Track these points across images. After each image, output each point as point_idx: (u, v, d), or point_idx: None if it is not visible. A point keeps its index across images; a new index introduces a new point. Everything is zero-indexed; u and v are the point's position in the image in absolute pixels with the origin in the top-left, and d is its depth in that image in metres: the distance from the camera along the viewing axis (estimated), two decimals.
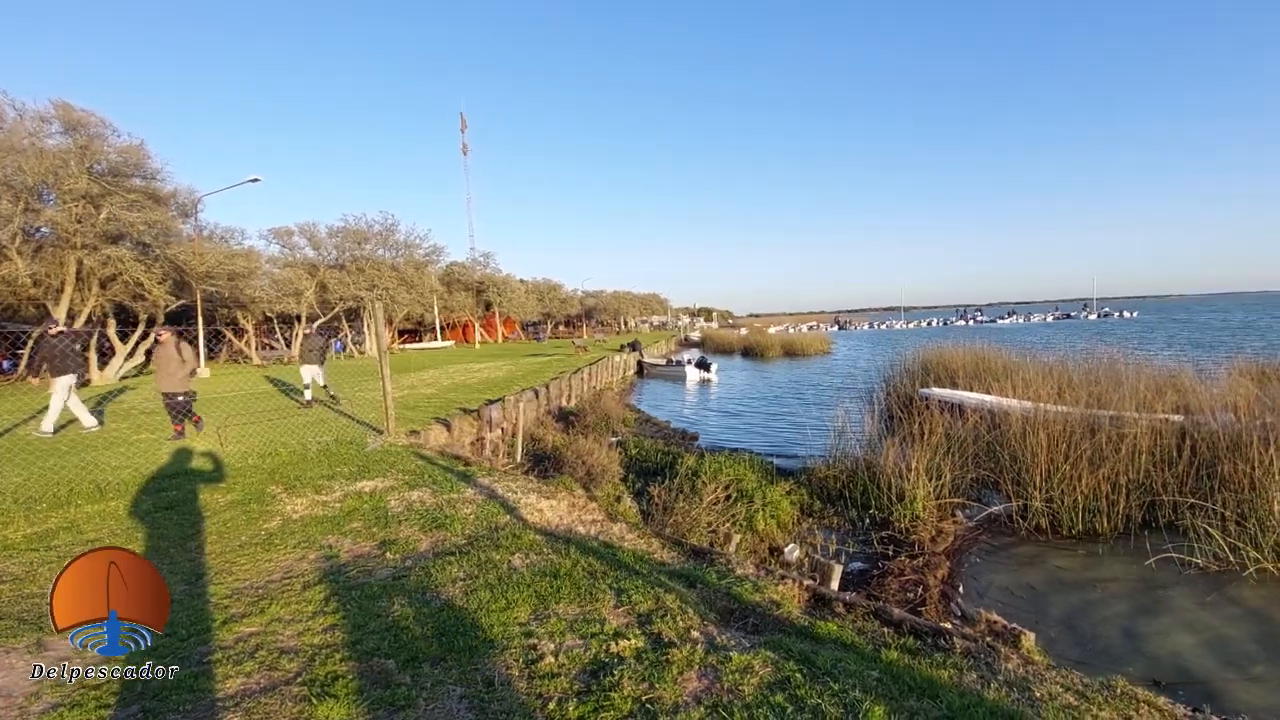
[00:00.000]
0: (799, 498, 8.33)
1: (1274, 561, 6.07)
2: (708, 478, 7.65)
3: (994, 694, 2.80)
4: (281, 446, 8.36)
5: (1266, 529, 6.21)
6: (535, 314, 63.25)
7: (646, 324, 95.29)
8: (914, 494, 7.53)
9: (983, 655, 3.21)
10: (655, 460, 9.99)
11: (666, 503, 6.94)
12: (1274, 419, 7.41)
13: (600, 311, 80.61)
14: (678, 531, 6.37)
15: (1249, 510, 6.41)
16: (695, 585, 4.05)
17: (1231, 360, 13.28)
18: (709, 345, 53.09)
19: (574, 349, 33.76)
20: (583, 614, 3.55)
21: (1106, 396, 9.46)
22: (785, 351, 41.14)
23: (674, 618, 3.45)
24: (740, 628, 3.51)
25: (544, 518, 5.63)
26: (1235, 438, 7.33)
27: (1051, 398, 9.63)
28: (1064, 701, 2.77)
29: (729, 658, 2.99)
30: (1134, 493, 7.42)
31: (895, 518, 7.41)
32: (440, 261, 47.97)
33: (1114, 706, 2.76)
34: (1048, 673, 3.06)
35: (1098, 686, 2.92)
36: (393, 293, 36.54)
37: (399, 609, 3.64)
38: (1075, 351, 12.73)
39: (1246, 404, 8.37)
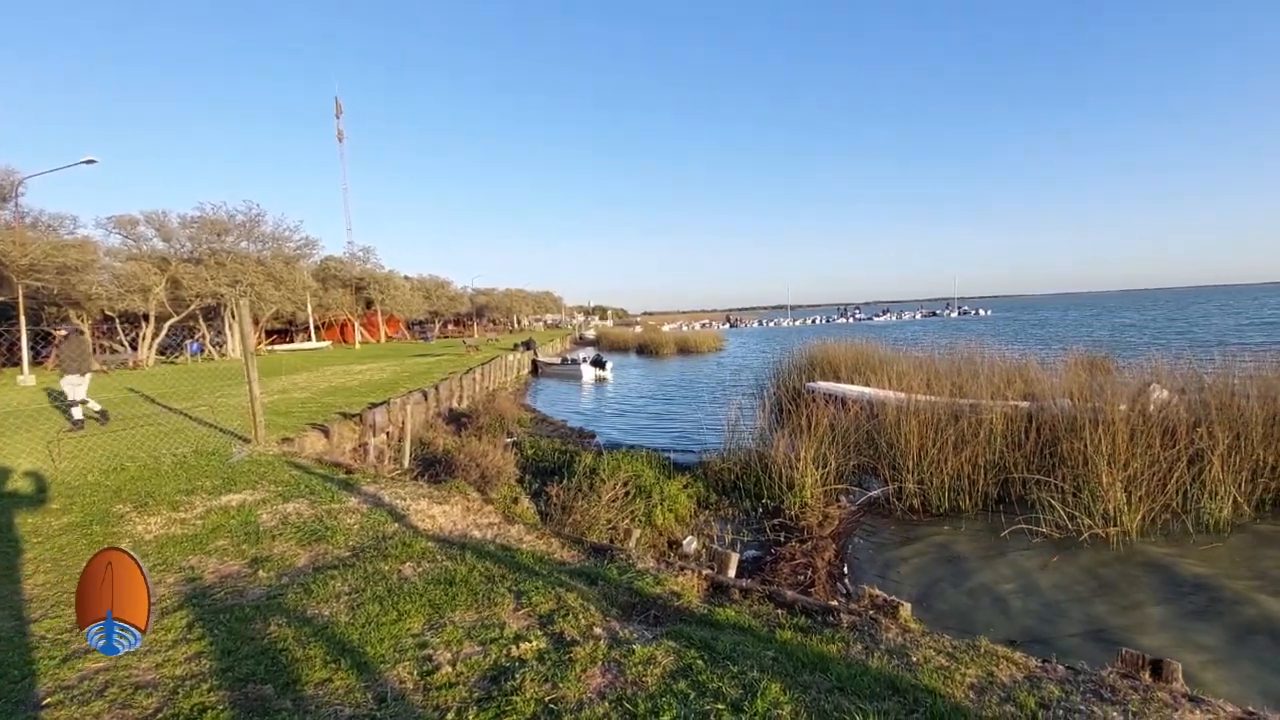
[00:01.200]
0: (696, 491, 8.59)
1: (1103, 527, 7.00)
2: (606, 475, 7.70)
3: (877, 662, 3.04)
4: (129, 460, 7.51)
5: (1097, 499, 7.14)
6: (422, 312, 60.70)
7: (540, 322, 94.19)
8: (803, 482, 8.00)
9: (866, 628, 3.46)
10: (553, 460, 9.91)
11: (565, 502, 6.91)
12: (1101, 404, 8.52)
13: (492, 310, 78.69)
14: (578, 530, 6.37)
15: (1083, 483, 7.34)
16: (597, 582, 4.06)
17: (1068, 352, 15.18)
18: (604, 343, 53.35)
19: (465, 348, 32.75)
20: (481, 620, 3.47)
21: (967, 386, 10.49)
22: (679, 349, 42.15)
23: (576, 616, 3.45)
24: (643, 620, 3.57)
25: (437, 523, 5.44)
26: (1071, 420, 8.36)
27: (921, 388, 10.55)
28: (937, 664, 3.05)
29: (632, 651, 3.04)
30: (991, 472, 8.28)
31: (786, 506, 7.83)
32: (314, 256, 44.85)
33: (979, 664, 3.08)
34: (923, 639, 3.36)
35: (965, 647, 3.24)
36: (259, 289, 33.67)
37: (276, 630, 3.38)
38: (940, 346, 14.01)
39: (1080, 391, 9.55)
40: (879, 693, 2.71)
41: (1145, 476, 7.26)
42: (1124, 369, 12.43)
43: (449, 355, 29.75)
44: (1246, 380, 9.01)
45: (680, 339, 45.28)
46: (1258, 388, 8.63)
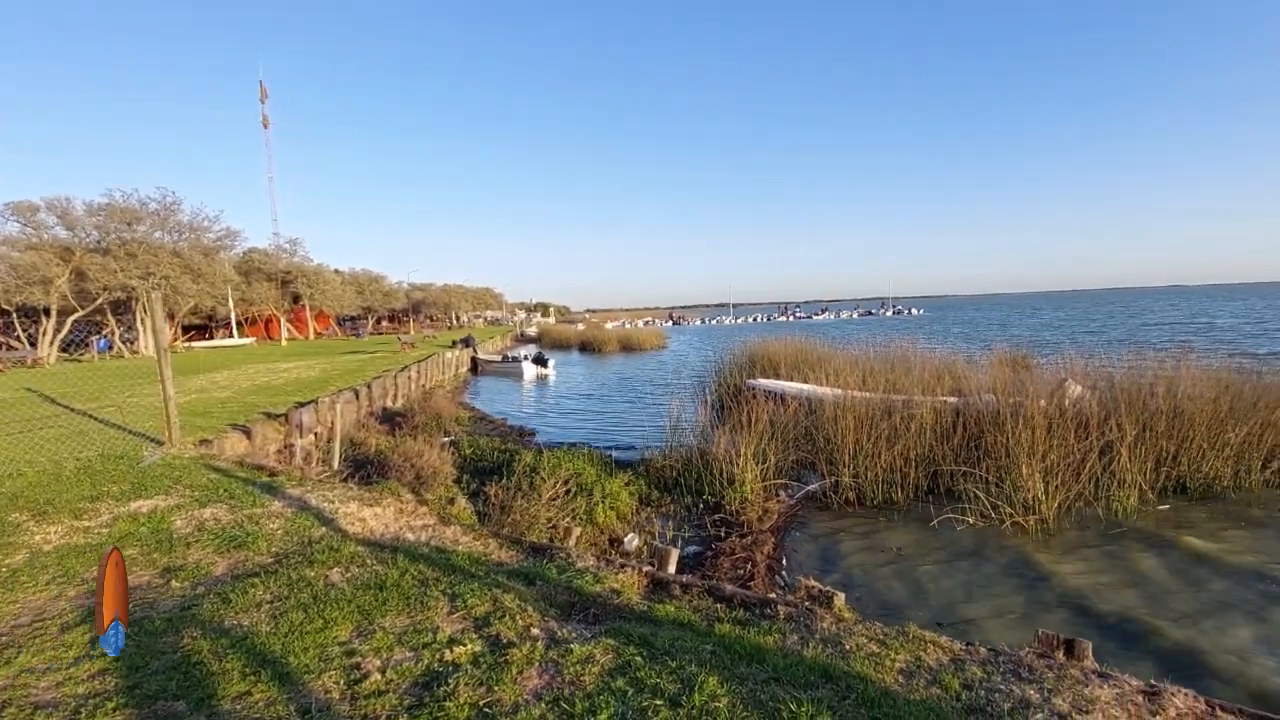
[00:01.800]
0: (637, 488, 8.61)
1: (1023, 515, 7.41)
2: (546, 474, 7.62)
3: (812, 651, 3.12)
4: (26, 465, 6.96)
5: (1017, 489, 7.56)
6: (354, 308, 58.61)
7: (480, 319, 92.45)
8: (743, 478, 8.14)
9: (802, 618, 3.55)
10: (492, 459, 9.74)
11: (504, 501, 6.80)
12: (1022, 399, 9.02)
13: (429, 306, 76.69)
14: (517, 530, 6.28)
15: (1005, 474, 7.76)
16: (535, 582, 4.02)
17: (992, 351, 16.03)
18: (546, 341, 52.89)
19: (399, 345, 31.78)
20: (413, 624, 3.37)
21: (900, 383, 10.93)
22: (622, 346, 42.21)
23: (513, 617, 3.40)
24: (582, 619, 3.55)
25: (368, 527, 5.26)
26: (995, 415, 8.82)
27: (857, 385, 10.93)
28: (869, 650, 3.16)
29: (570, 650, 3.01)
30: (921, 465, 8.65)
31: (727, 501, 7.95)
32: (236, 248, 42.62)
33: (908, 649, 3.20)
34: (856, 627, 3.47)
35: (895, 634, 3.37)
36: (175, 282, 31.74)
37: (190, 643, 3.19)
38: (875, 344, 14.52)
39: (1003, 387, 10.09)
40: (813, 681, 2.78)
41: (1061, 467, 7.72)
42: (1043, 366, 13.22)
43: (383, 353, 28.83)
44: (1151, 376, 9.73)
45: (623, 336, 45.34)
46: (1161, 383, 9.33)
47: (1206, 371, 9.50)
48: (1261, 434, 8.55)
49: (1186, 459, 8.37)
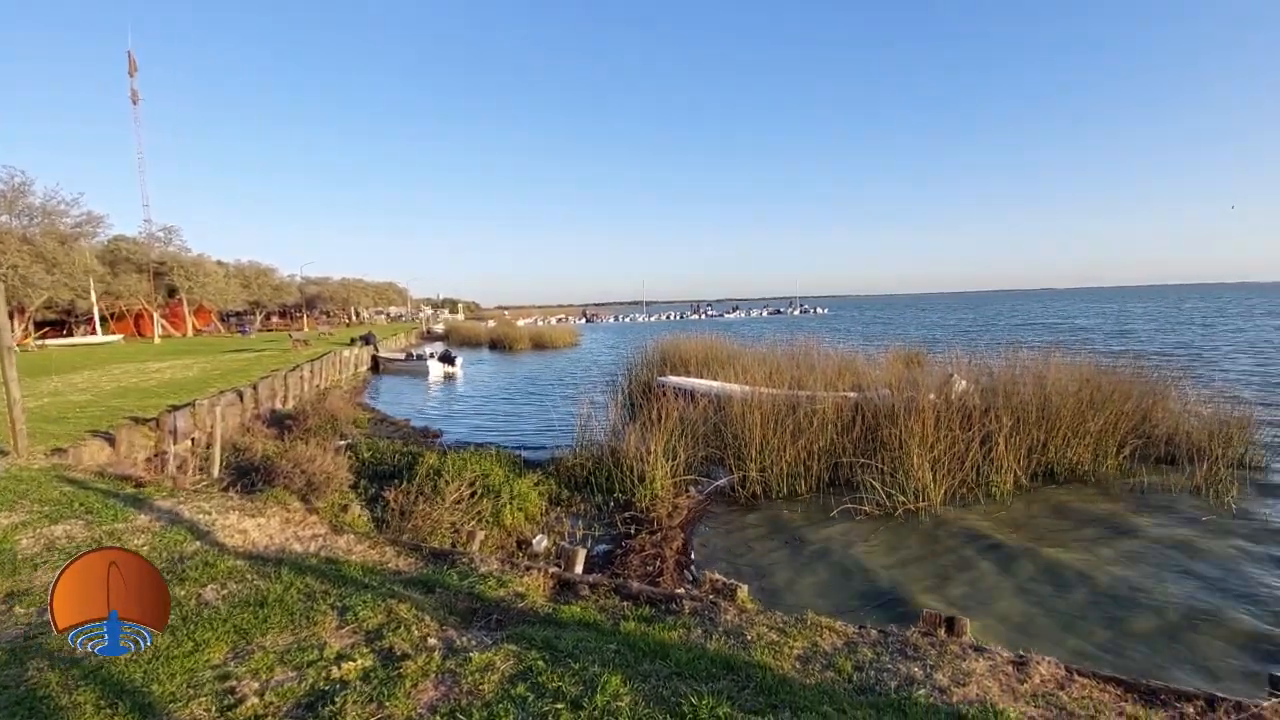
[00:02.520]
0: (547, 488, 8.52)
1: (914, 502, 7.92)
2: (451, 476, 7.39)
3: (715, 644, 3.19)
4: None
5: (909, 478, 8.08)
6: (240, 303, 54.53)
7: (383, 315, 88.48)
8: (653, 475, 8.23)
9: (707, 612, 3.63)
10: (392, 462, 9.34)
11: (405, 506, 6.53)
12: (914, 393, 9.64)
13: (326, 301, 72.53)
14: (418, 535, 6.05)
15: (898, 464, 8.26)
16: (434, 590, 3.88)
17: (889, 348, 17.04)
18: (454, 338, 51.33)
19: (291, 343, 29.90)
20: (297, 642, 3.17)
21: (804, 379, 11.40)
22: (534, 344, 41.64)
23: (408, 628, 3.26)
24: (484, 626, 3.47)
25: (249, 539, 4.91)
26: (890, 408, 9.37)
27: (764, 381, 11.31)
28: (769, 639, 3.27)
29: (469, 659, 2.93)
30: (823, 458, 9.06)
31: (637, 498, 8.01)
32: (100, 235, 38.66)
33: (805, 635, 3.34)
34: (758, 617, 3.58)
35: (794, 622, 3.51)
36: (24, 272, 28.38)
37: (36, 675, 2.86)
38: (781, 341, 15.08)
39: (897, 382, 10.74)
40: (714, 673, 2.84)
41: (947, 457, 8.33)
42: (933, 362, 14.18)
43: (272, 351, 27.01)
44: (1024, 371, 10.66)
45: (535, 334, 44.71)
46: (1032, 378, 10.24)
47: (1071, 367, 10.51)
48: (1116, 423, 9.57)
49: (1054, 446, 9.24)
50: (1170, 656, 4.79)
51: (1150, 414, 10.10)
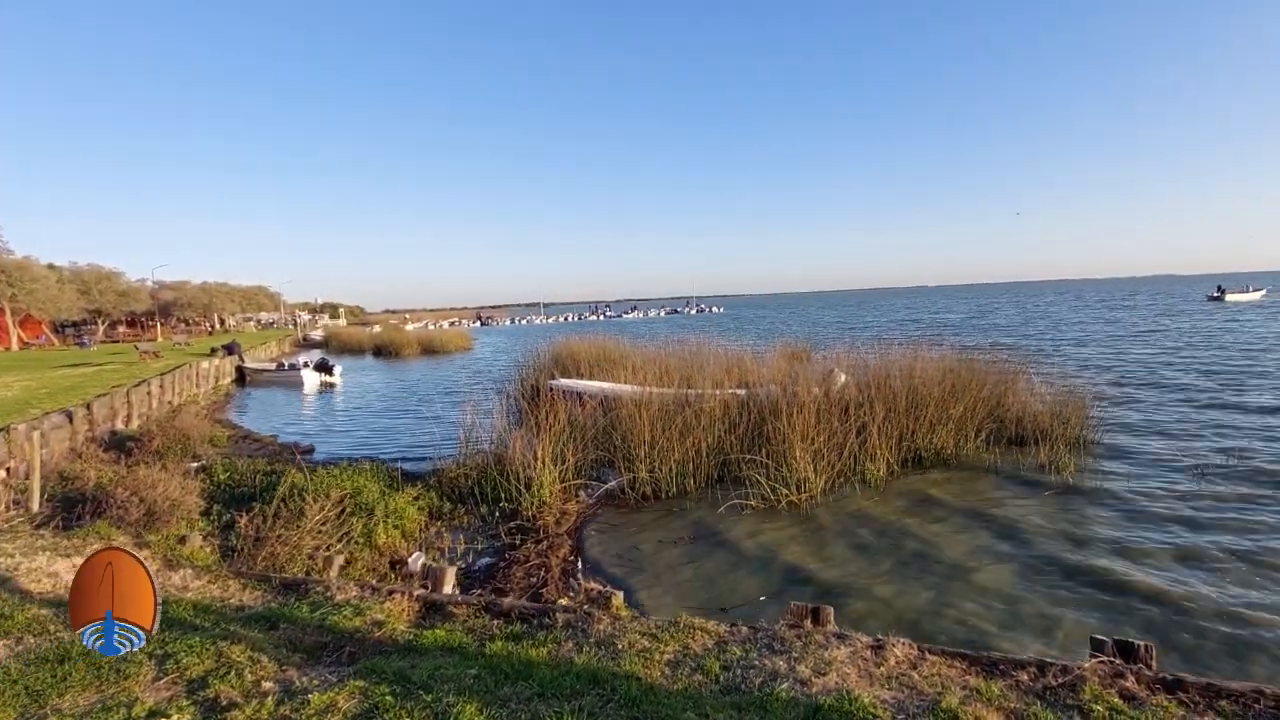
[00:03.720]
0: (428, 502, 8.13)
1: (797, 494, 8.24)
2: (317, 495, 6.87)
3: (584, 658, 3.11)
4: None
5: (792, 471, 8.39)
6: (77, 311, 48.56)
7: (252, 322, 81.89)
8: (540, 481, 8.06)
9: (580, 623, 3.54)
10: (253, 483, 8.57)
11: (259, 532, 5.98)
12: (797, 388, 10.05)
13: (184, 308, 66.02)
14: (275, 564, 5.57)
15: (782, 459, 8.57)
16: (279, 626, 3.55)
17: (774, 345, 17.75)
18: (334, 345, 48.37)
19: (139, 356, 26.98)
20: (102, 701, 2.78)
21: (694, 378, 11.61)
22: (424, 349, 39.98)
23: (240, 673, 2.95)
24: (333, 661, 3.20)
25: (61, 583, 4.31)
26: (775, 404, 9.71)
27: (655, 381, 11.40)
28: (640, 647, 3.23)
29: (307, 701, 2.68)
30: (712, 455, 9.24)
31: (523, 507, 7.82)
32: None
33: (677, 639, 3.33)
34: (631, 624, 3.54)
35: (667, 625, 3.49)
36: None
37: None
38: (674, 341, 15.31)
39: (782, 378, 11.17)
40: (579, 690, 2.76)
41: (827, 448, 8.73)
42: (817, 358, 14.89)
43: (115, 365, 24.24)
44: (896, 364, 11.40)
45: (425, 339, 42.93)
46: (902, 370, 10.97)
47: (936, 359, 11.36)
48: (974, 409, 10.44)
49: (921, 433, 9.93)
50: (1014, 625, 5.22)
51: (1003, 400, 11.10)
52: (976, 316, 53.79)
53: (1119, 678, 3.07)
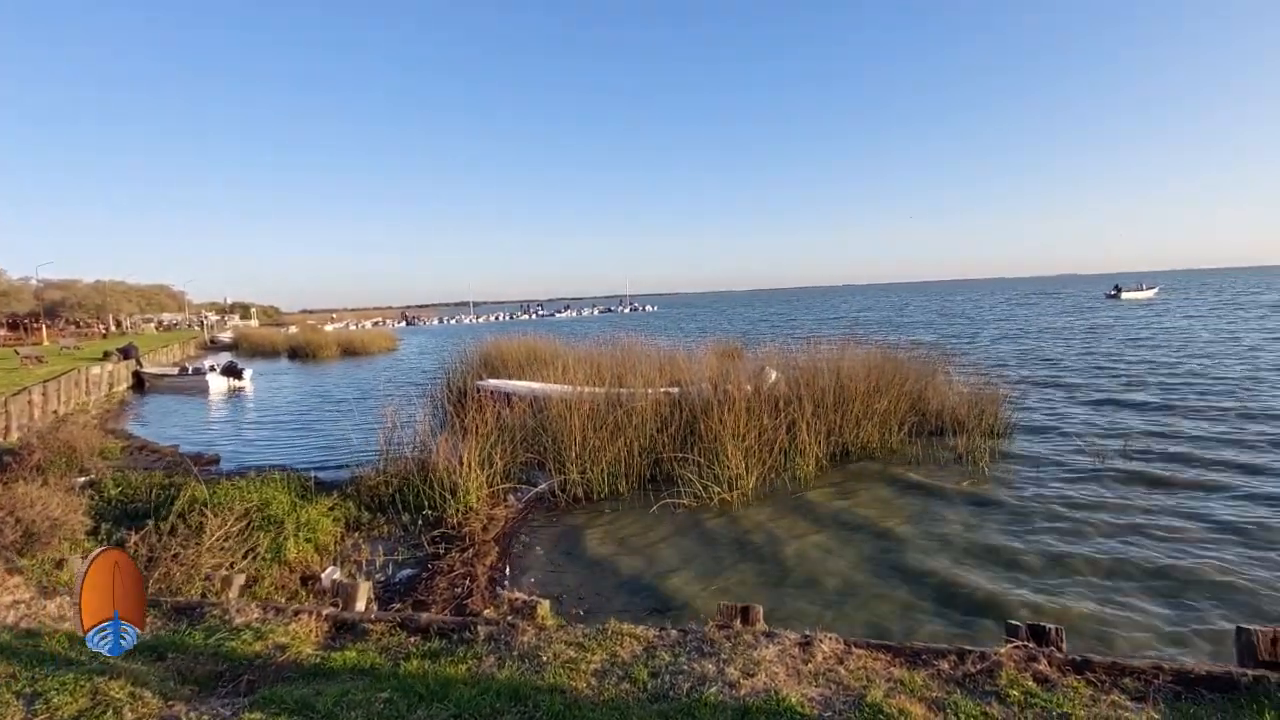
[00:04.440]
0: (345, 512, 7.74)
1: (729, 492, 8.31)
2: (219, 508, 6.41)
3: (506, 673, 2.99)
4: None
5: (724, 469, 8.46)
6: None
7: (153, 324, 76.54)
8: (466, 486, 7.81)
9: (503, 636, 3.41)
10: (148, 498, 7.94)
11: (153, 551, 5.52)
12: (729, 386, 10.14)
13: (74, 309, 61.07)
14: (170, 586, 5.14)
15: (714, 457, 8.63)
16: (167, 655, 3.25)
17: (706, 343, 17.93)
18: (245, 347, 45.75)
19: (19, 361, 24.73)
20: None
21: (626, 377, 11.55)
22: (344, 351, 38.34)
23: (119, 711, 2.67)
24: (229, 692, 2.95)
25: None
26: (707, 402, 9.77)
27: (586, 381, 11.27)
28: (566, 658, 3.13)
29: None
30: (644, 454, 9.22)
31: (448, 514, 7.55)
32: None
33: (605, 647, 3.25)
34: (557, 634, 3.43)
35: (594, 634, 3.41)
36: None
37: None
38: (606, 339, 15.20)
39: (715, 376, 11.26)
40: (499, 709, 2.63)
41: (759, 445, 8.86)
42: (749, 356, 15.13)
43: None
44: (824, 361, 11.70)
45: (345, 340, 41.19)
46: (830, 366, 11.26)
47: (861, 355, 11.73)
48: (897, 403, 10.85)
49: (848, 428, 10.23)
50: (936, 615, 5.41)
51: (924, 394, 11.58)
52: (896, 314, 56.25)
53: (1033, 661, 3.19)
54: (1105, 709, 2.82)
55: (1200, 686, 3.10)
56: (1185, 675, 3.15)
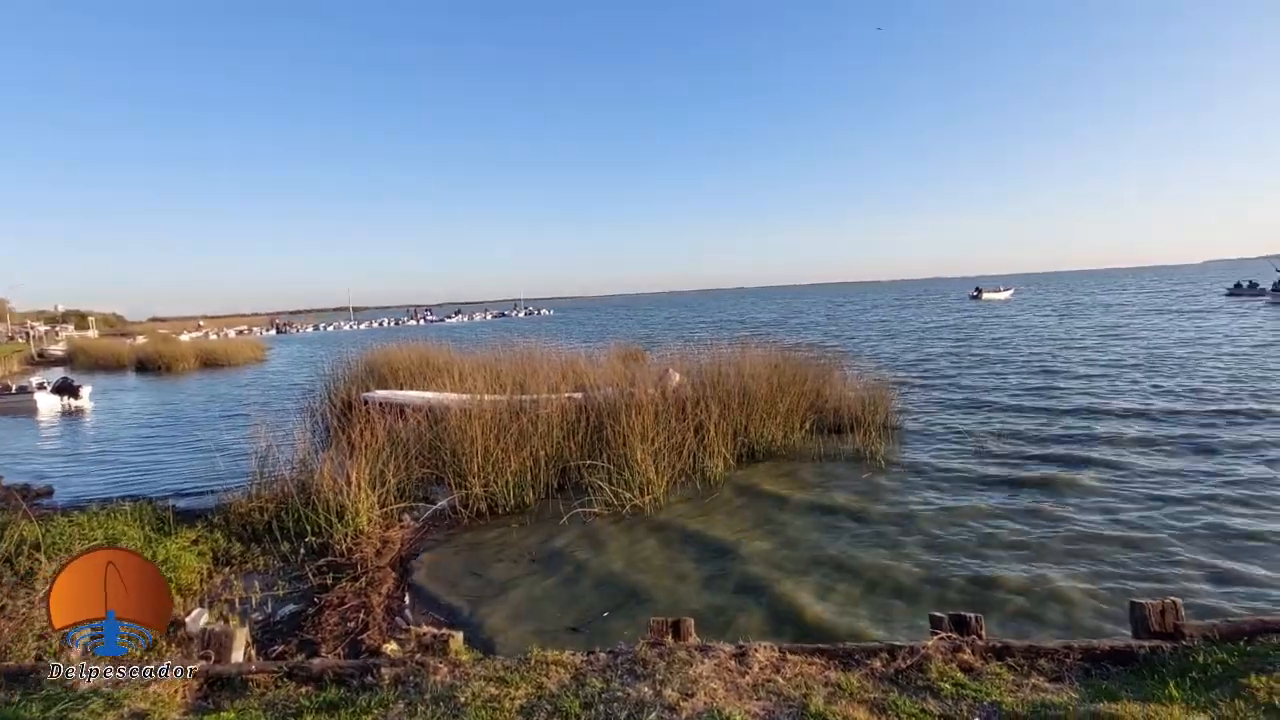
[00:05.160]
0: (213, 545, 6.92)
1: (640, 497, 8.21)
2: (56, 550, 5.53)
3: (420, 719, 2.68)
4: None
5: (634, 474, 8.35)
6: None
7: None
8: (356, 508, 7.21)
9: (412, 676, 3.08)
10: None
11: None
12: (634, 389, 10.06)
13: None
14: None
15: (623, 462, 8.50)
16: None
17: (609, 346, 17.86)
18: (82, 361, 40.70)
19: None
20: None
21: (528, 383, 11.21)
22: (203, 363, 34.91)
23: None
24: None
25: None
26: (613, 406, 9.63)
27: (485, 388, 10.82)
28: (487, 695, 2.86)
29: None
30: (551, 463, 8.94)
31: (336, 539, 6.93)
32: None
33: (529, 679, 3.00)
34: (475, 669, 3.15)
35: (517, 665, 3.15)
36: None
37: None
38: (505, 344, 14.73)
39: (619, 380, 11.15)
40: None
41: (667, 449, 8.83)
42: (652, 359, 15.17)
43: None
44: (727, 362, 11.90)
45: (205, 350, 37.51)
46: (733, 368, 11.47)
47: (763, 355, 12.04)
48: (798, 402, 11.21)
49: (753, 428, 10.45)
50: (863, 612, 5.51)
51: (822, 392, 12.05)
52: (790, 316, 58.89)
53: (958, 651, 3.27)
54: (1029, 693, 2.92)
55: (1105, 661, 3.29)
56: (1092, 652, 3.33)
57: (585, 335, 39.35)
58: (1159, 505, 7.50)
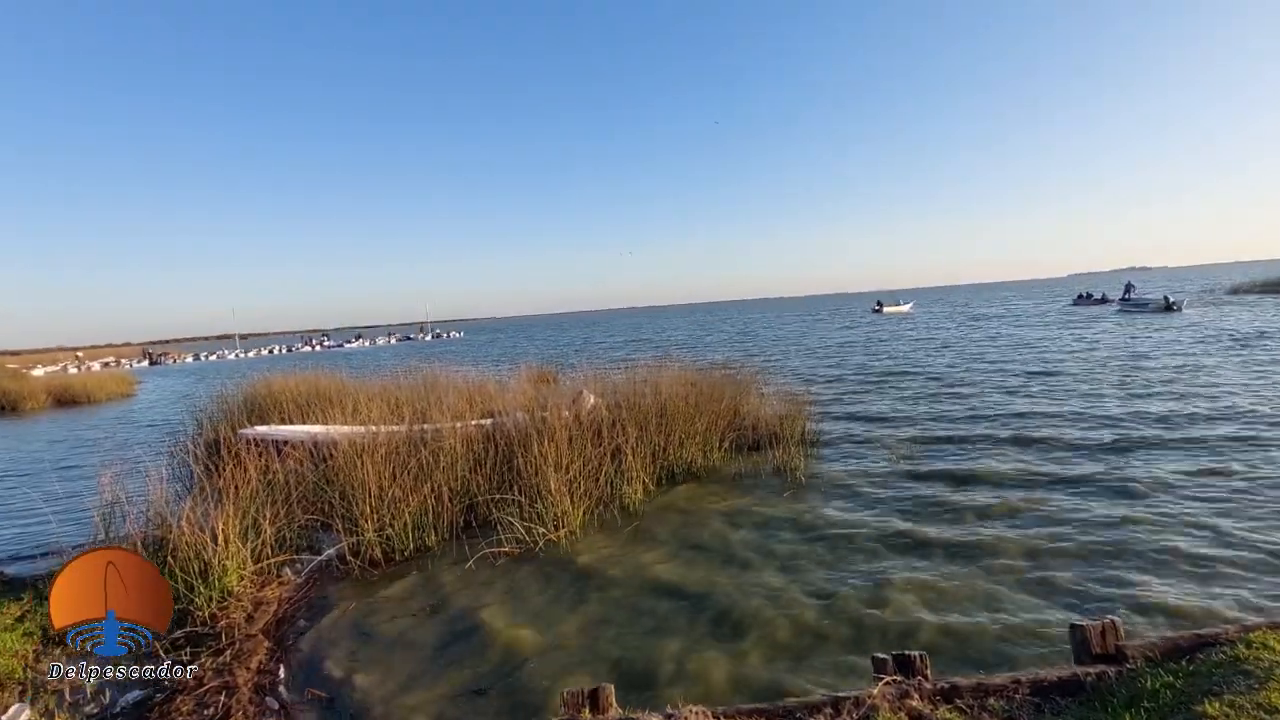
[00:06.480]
0: (41, 621, 5.86)
1: (554, 531, 7.69)
2: None
3: None
4: None
5: (548, 506, 7.83)
6: None
7: None
8: (223, 565, 6.28)
9: None
10: None
11: None
12: (546, 414, 9.55)
13: None
14: None
15: (536, 494, 7.97)
16: None
17: (519, 368, 17.22)
18: None
19: None
20: None
21: (430, 411, 10.48)
22: (58, 400, 31.23)
23: None
24: None
25: None
26: (525, 433, 9.08)
27: (382, 419, 9.99)
28: None
29: None
30: (456, 499, 8.25)
31: (198, 605, 5.99)
32: None
33: None
34: None
35: None
36: None
37: None
38: (404, 370, 13.83)
39: (530, 403, 10.60)
40: None
41: (583, 476, 8.37)
42: (564, 380, 14.68)
43: None
44: (643, 382, 11.60)
45: (61, 386, 33.50)
46: (650, 388, 11.18)
47: (679, 374, 11.82)
48: (716, 420, 11.04)
49: (672, 449, 10.15)
50: (796, 660, 5.11)
51: (739, 409, 11.96)
52: (701, 333, 59.75)
53: (905, 697, 3.01)
54: None
55: (1054, 693, 3.11)
56: (1040, 684, 3.15)
57: (494, 358, 38.21)
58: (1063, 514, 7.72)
